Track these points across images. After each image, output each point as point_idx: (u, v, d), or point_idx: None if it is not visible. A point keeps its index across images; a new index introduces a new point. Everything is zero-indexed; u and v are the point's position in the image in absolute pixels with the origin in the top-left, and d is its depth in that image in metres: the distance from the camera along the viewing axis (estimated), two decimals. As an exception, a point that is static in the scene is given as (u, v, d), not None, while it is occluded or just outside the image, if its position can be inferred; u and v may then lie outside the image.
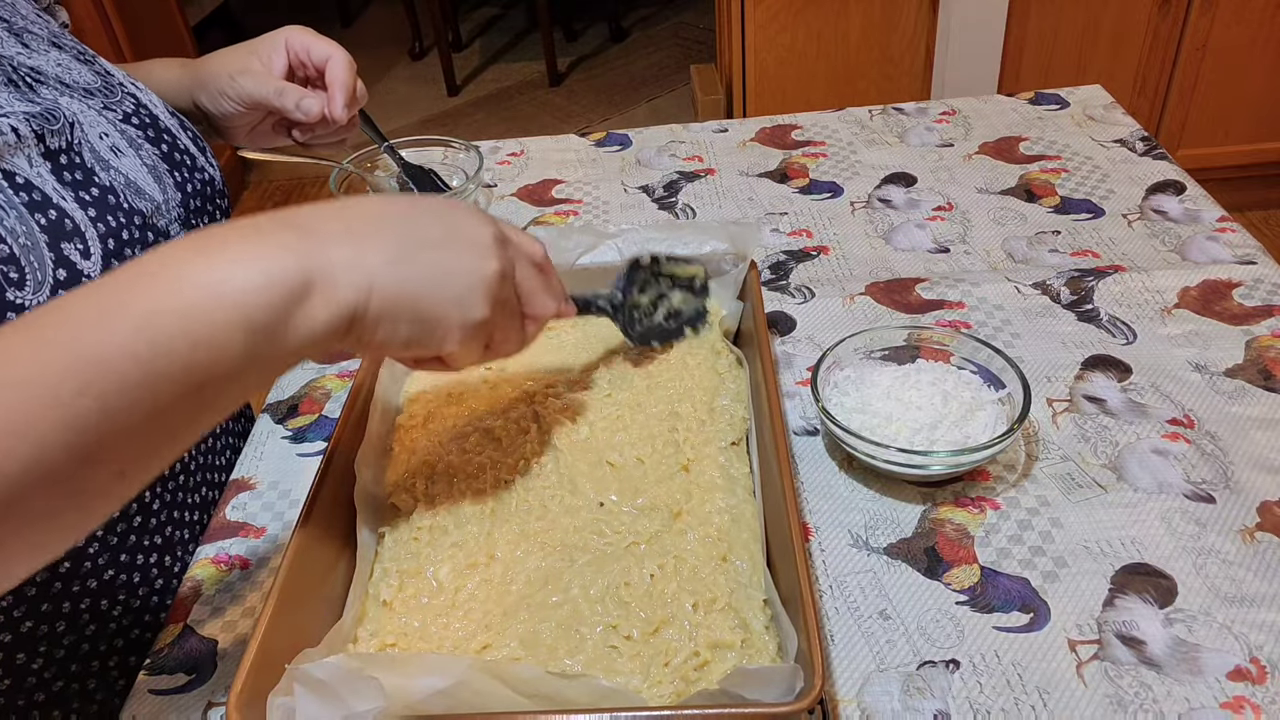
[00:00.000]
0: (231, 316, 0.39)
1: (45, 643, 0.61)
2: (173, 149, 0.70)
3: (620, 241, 0.75)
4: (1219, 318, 0.76)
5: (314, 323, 0.42)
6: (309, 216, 0.45)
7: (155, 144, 0.68)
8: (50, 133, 0.60)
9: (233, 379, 0.40)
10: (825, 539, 0.62)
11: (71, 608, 0.61)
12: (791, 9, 1.99)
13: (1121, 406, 0.69)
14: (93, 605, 0.63)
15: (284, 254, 0.42)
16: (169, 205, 0.67)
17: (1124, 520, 0.61)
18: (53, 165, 0.59)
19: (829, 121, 1.12)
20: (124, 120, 0.67)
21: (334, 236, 0.44)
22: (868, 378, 0.68)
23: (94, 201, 0.60)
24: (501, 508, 0.60)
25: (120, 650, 0.66)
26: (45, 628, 0.61)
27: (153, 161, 0.67)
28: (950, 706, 0.52)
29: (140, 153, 0.66)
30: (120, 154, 0.65)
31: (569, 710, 0.45)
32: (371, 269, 0.44)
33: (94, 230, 0.59)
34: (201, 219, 0.71)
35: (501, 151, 1.13)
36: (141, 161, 0.66)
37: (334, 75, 0.77)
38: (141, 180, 0.65)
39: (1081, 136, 1.03)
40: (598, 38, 3.75)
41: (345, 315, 0.43)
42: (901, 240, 0.90)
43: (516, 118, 3.24)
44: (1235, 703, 0.50)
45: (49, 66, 0.65)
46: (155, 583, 0.67)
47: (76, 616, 0.62)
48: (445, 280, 0.47)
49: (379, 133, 1.04)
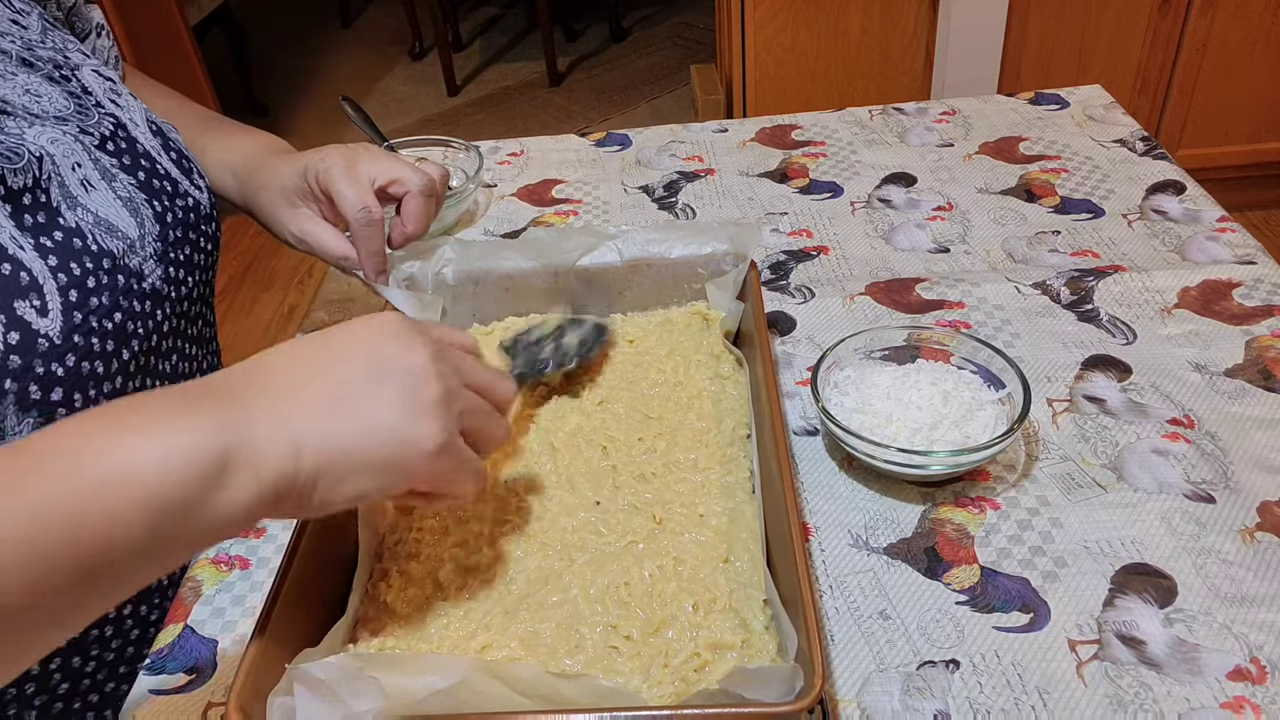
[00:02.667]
0: (136, 497, 0.37)
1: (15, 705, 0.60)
2: (151, 175, 0.66)
3: (620, 242, 0.75)
4: (1219, 318, 0.76)
5: (236, 500, 0.39)
6: (229, 380, 0.43)
7: (132, 171, 0.65)
8: (12, 172, 0.56)
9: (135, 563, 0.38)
10: (825, 539, 0.62)
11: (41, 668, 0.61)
12: (791, 9, 1.99)
13: (1121, 406, 0.69)
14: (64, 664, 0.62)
15: (199, 430, 0.39)
16: (145, 240, 0.63)
17: (1124, 520, 0.61)
18: (13, 208, 0.55)
19: (829, 121, 1.12)
20: (100, 146, 0.63)
21: (255, 402, 0.41)
22: (868, 378, 0.68)
23: (56, 248, 0.57)
24: (501, 508, 0.60)
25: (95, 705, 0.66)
26: (13, 690, 0.60)
27: (129, 192, 0.63)
28: (950, 706, 0.52)
29: (114, 184, 0.63)
30: (91, 188, 0.61)
31: (569, 710, 0.45)
32: (296, 432, 0.41)
33: (54, 282, 0.55)
34: (182, 249, 0.67)
35: (501, 151, 1.13)
36: (115, 194, 0.62)
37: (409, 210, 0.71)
38: (114, 216, 0.61)
39: (1081, 136, 1.03)
40: (598, 38, 3.75)
41: (272, 487, 0.41)
42: (901, 240, 0.90)
43: (516, 118, 3.24)
44: (1235, 703, 0.50)
45: (15, 95, 0.60)
46: (131, 633, 0.67)
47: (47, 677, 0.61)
48: (380, 422, 0.44)
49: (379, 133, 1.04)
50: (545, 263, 0.75)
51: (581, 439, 0.64)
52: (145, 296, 0.62)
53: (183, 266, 0.67)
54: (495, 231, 0.98)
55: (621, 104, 3.26)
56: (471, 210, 1.01)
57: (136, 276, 0.62)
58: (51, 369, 0.54)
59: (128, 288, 0.61)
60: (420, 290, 0.74)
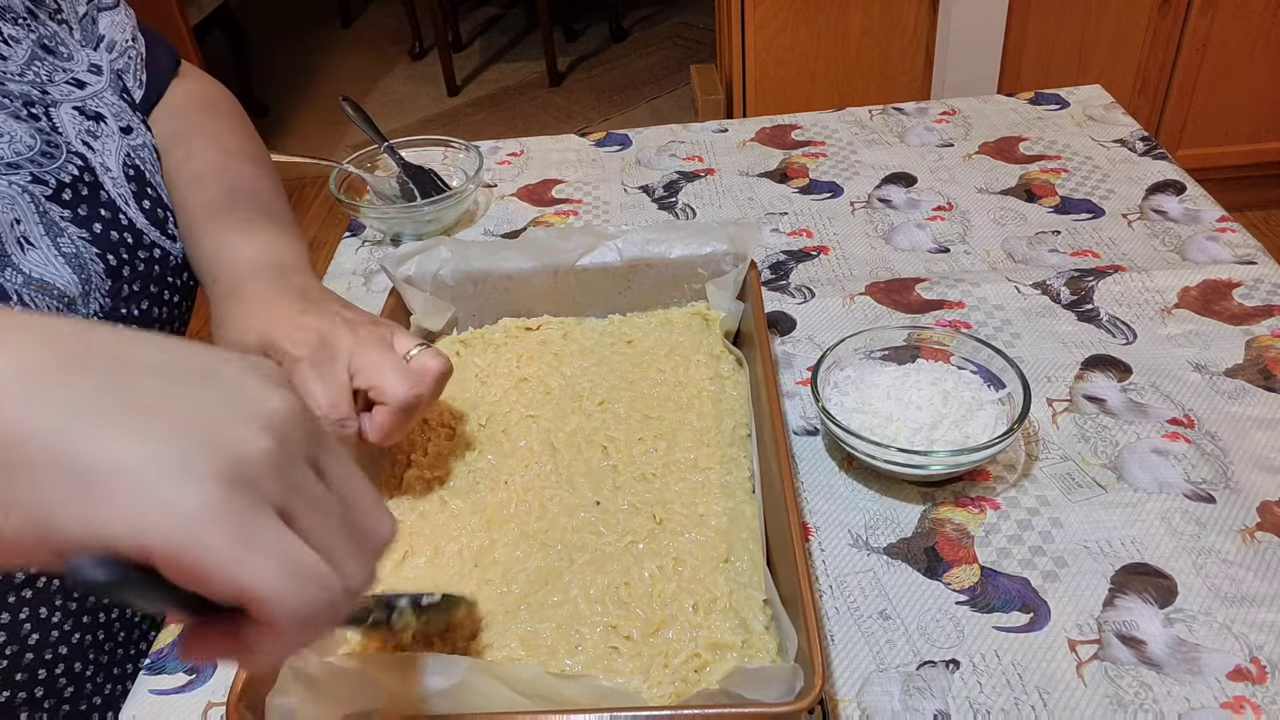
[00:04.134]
0: None
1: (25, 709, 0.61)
2: (110, 226, 0.62)
3: (620, 242, 0.75)
4: (1219, 318, 0.76)
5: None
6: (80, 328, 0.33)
7: (86, 223, 0.60)
8: None
9: None
10: (825, 539, 0.62)
11: (47, 674, 0.61)
12: (791, 9, 1.99)
13: (1121, 406, 0.69)
14: (67, 669, 0.62)
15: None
16: (90, 296, 0.59)
17: (1124, 520, 0.61)
18: None
19: (829, 121, 1.12)
20: (52, 196, 0.59)
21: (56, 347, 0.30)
22: (868, 378, 0.68)
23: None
24: (501, 508, 0.60)
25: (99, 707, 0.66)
26: (23, 694, 0.60)
27: (75, 247, 0.59)
28: (950, 706, 0.52)
29: (60, 240, 0.59)
30: (30, 245, 0.57)
31: (569, 710, 0.45)
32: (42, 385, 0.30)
33: None
34: (139, 304, 0.62)
35: (501, 151, 1.13)
36: (58, 250, 0.58)
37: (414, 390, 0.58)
38: (52, 273, 0.58)
39: (1081, 136, 1.03)
40: (598, 38, 3.75)
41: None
42: (901, 240, 0.90)
43: (516, 118, 3.24)
44: (1235, 703, 0.50)
45: None
46: (118, 635, 0.67)
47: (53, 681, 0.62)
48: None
49: (379, 133, 1.04)
50: (545, 263, 0.75)
51: (582, 439, 0.64)
52: None
53: (138, 321, 0.63)
54: (495, 231, 0.98)
55: (621, 104, 3.26)
56: (471, 210, 1.01)
57: None
58: None
59: None
60: (419, 289, 0.74)
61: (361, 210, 0.96)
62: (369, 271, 0.94)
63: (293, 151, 0.92)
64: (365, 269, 0.95)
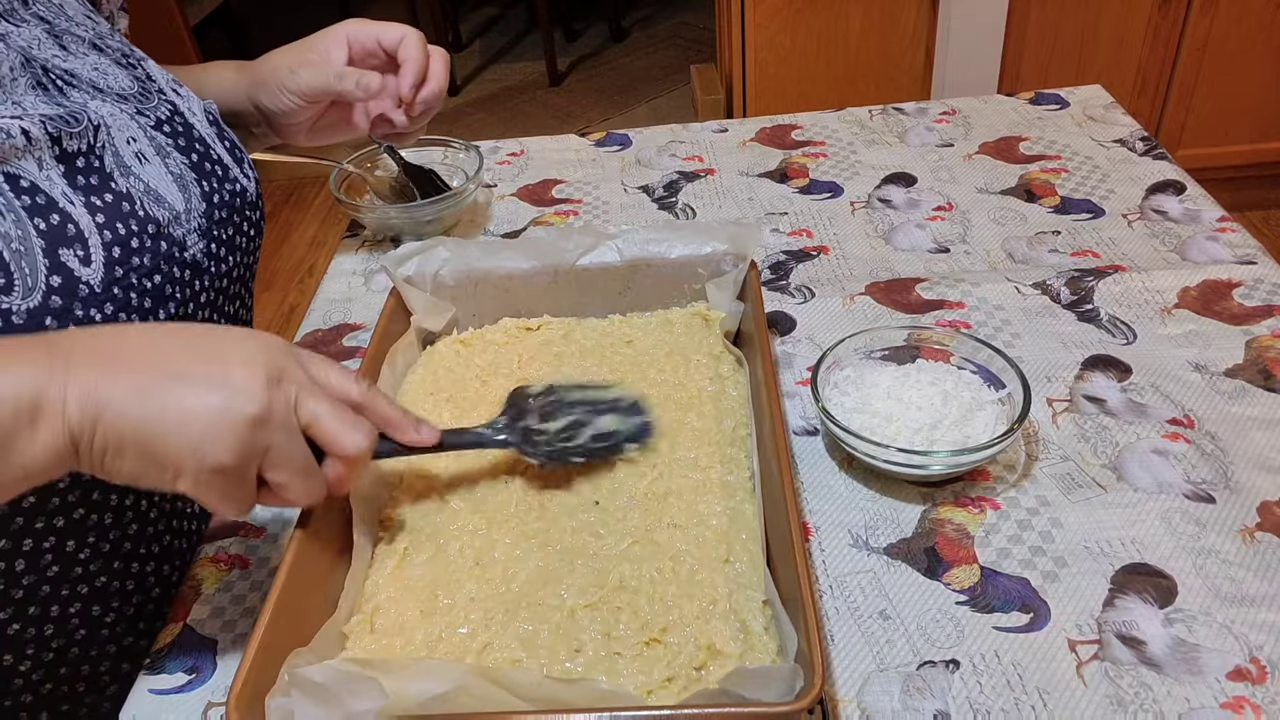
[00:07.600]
0: None
1: (32, 645, 0.61)
2: (204, 158, 0.69)
3: (620, 242, 0.75)
4: (1219, 318, 0.76)
5: (35, 445, 0.43)
6: (75, 339, 0.46)
7: (185, 152, 0.68)
8: (69, 135, 0.59)
9: None
10: (825, 539, 0.62)
11: (60, 611, 0.61)
12: (791, 9, 1.99)
13: (1121, 406, 0.69)
14: (83, 610, 0.63)
15: (24, 372, 0.43)
16: (190, 214, 0.66)
17: (1124, 520, 0.61)
18: (66, 169, 0.58)
19: (829, 121, 1.12)
20: (155, 126, 0.67)
21: (83, 362, 0.44)
22: (868, 378, 0.68)
23: (105, 208, 0.59)
24: (501, 507, 0.60)
25: (113, 656, 0.66)
26: (32, 630, 0.60)
27: (179, 170, 0.67)
28: (950, 706, 0.52)
29: (167, 160, 0.66)
30: (145, 160, 0.64)
31: (568, 710, 0.45)
32: (104, 400, 0.44)
33: (99, 237, 0.58)
34: (225, 229, 0.70)
35: (501, 151, 1.13)
36: (167, 169, 0.66)
37: (406, 53, 0.78)
38: (163, 188, 0.65)
39: (1081, 136, 1.03)
40: (598, 38, 3.75)
41: (66, 442, 0.44)
42: (901, 240, 0.90)
43: (516, 118, 3.24)
44: (1235, 703, 0.50)
45: (84, 70, 0.64)
46: (152, 591, 0.67)
47: (65, 620, 0.62)
48: (185, 421, 0.44)
49: (379, 133, 1.04)
50: (545, 263, 0.75)
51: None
52: (185, 266, 0.65)
53: (224, 245, 0.70)
54: (495, 231, 0.98)
55: (621, 104, 3.26)
56: (471, 210, 1.01)
57: (179, 246, 0.64)
58: (90, 314, 0.57)
59: (169, 254, 0.63)
60: (419, 289, 0.74)
61: (361, 210, 0.96)
62: (369, 271, 0.94)
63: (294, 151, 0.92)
64: (365, 269, 0.95)
